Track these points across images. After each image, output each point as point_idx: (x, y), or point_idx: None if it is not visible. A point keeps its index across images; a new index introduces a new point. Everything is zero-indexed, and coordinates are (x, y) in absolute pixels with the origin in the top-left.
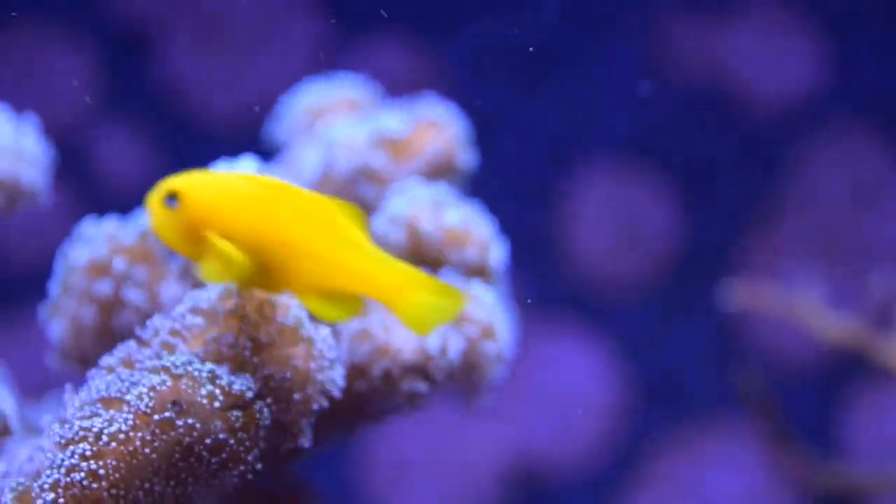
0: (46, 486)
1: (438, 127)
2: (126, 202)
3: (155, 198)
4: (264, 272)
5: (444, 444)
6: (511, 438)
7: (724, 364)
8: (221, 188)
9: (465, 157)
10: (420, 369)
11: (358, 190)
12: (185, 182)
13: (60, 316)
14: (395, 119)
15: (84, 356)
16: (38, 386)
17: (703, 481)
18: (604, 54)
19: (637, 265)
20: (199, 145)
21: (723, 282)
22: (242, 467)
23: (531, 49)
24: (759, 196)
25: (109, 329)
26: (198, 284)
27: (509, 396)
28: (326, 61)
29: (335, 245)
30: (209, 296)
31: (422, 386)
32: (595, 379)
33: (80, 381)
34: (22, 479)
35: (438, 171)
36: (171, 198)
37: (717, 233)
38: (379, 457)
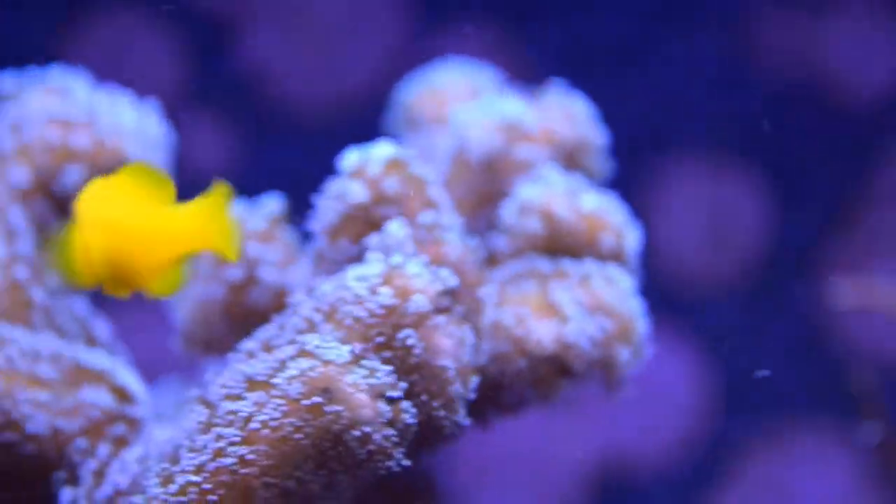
0: (190, 470)
1: (569, 113)
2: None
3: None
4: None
5: (528, 441)
6: (596, 436)
7: (811, 363)
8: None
9: (596, 143)
10: (558, 360)
11: (490, 176)
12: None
13: (187, 300)
14: (526, 105)
15: (208, 340)
16: (153, 370)
17: (790, 481)
18: (693, 46)
19: (724, 261)
20: (282, 135)
21: (825, 280)
22: (390, 460)
23: (618, 41)
24: (850, 192)
25: (238, 313)
26: (332, 269)
27: (595, 394)
28: (411, 52)
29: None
30: (357, 281)
31: (562, 377)
32: (681, 376)
33: (201, 366)
34: (166, 464)
35: (569, 158)
36: None
37: (807, 229)
38: (463, 453)
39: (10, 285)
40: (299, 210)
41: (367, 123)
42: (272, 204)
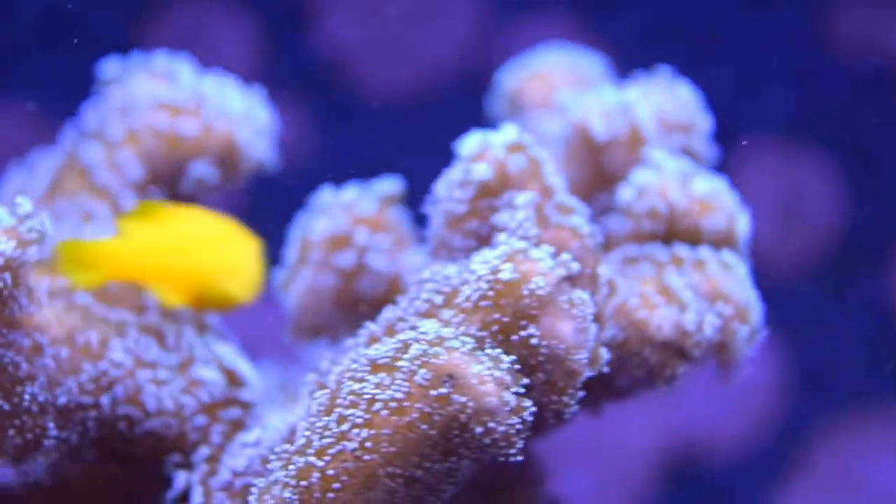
0: (311, 454)
1: (677, 98)
2: (288, 176)
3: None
4: None
5: (602, 424)
6: (669, 421)
7: (886, 350)
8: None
9: (704, 127)
10: (675, 347)
11: (603, 161)
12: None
13: (296, 285)
14: (638, 91)
15: (317, 325)
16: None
17: (861, 468)
18: (771, 32)
19: (800, 247)
20: (357, 118)
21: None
22: (512, 447)
23: (696, 26)
24: None
25: (348, 300)
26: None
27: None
28: (488, 36)
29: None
30: (479, 266)
31: (680, 363)
32: (754, 363)
33: (310, 350)
34: (286, 447)
35: (683, 145)
36: None
37: (883, 215)
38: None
39: None
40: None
41: (442, 107)
42: (383, 187)
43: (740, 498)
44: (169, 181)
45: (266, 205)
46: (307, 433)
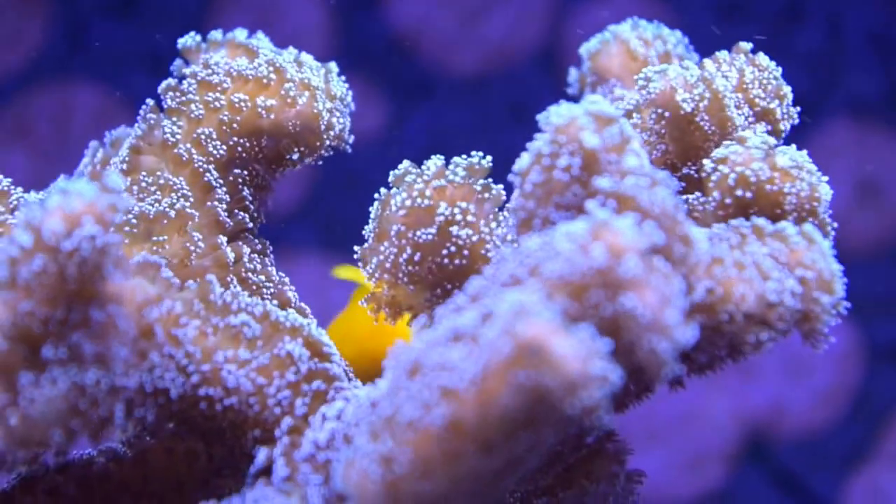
0: (399, 425)
1: (759, 71)
2: (366, 154)
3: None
4: None
5: (677, 397)
6: (744, 397)
7: None
8: None
9: (787, 99)
10: (760, 317)
11: (686, 134)
12: None
13: (375, 258)
14: (720, 65)
15: (396, 298)
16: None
17: None
18: (850, 7)
19: (875, 224)
20: (431, 94)
21: None
22: (598, 420)
23: (774, 2)
24: None
25: (431, 272)
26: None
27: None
28: (561, 14)
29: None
30: (565, 237)
31: (763, 335)
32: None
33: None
34: (372, 419)
35: (761, 114)
36: None
37: None
38: None
39: (208, 245)
40: None
41: (514, 85)
42: (472, 160)
43: (814, 475)
44: (248, 155)
45: (338, 183)
46: (391, 405)
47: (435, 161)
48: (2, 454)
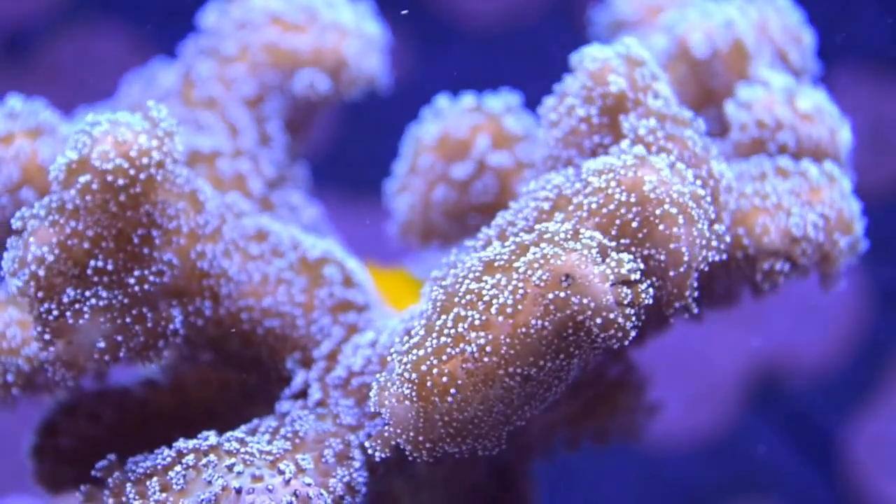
0: (431, 351)
1: (780, 14)
2: (387, 102)
3: None
4: None
5: (688, 343)
6: (753, 340)
7: None
8: None
9: (807, 42)
10: (782, 251)
11: (707, 77)
12: None
13: (407, 193)
14: (740, 8)
15: (428, 230)
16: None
17: None
18: None
19: (883, 174)
20: (452, 41)
21: None
22: (625, 340)
23: None
24: None
25: (459, 206)
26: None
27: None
28: None
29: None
30: (593, 172)
31: (783, 268)
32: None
33: (420, 255)
34: (407, 344)
35: (781, 56)
36: None
37: None
38: None
39: (234, 177)
40: None
41: (535, 31)
42: (502, 98)
43: (822, 416)
44: (283, 95)
45: (359, 129)
46: (427, 331)
47: (468, 97)
48: (48, 373)
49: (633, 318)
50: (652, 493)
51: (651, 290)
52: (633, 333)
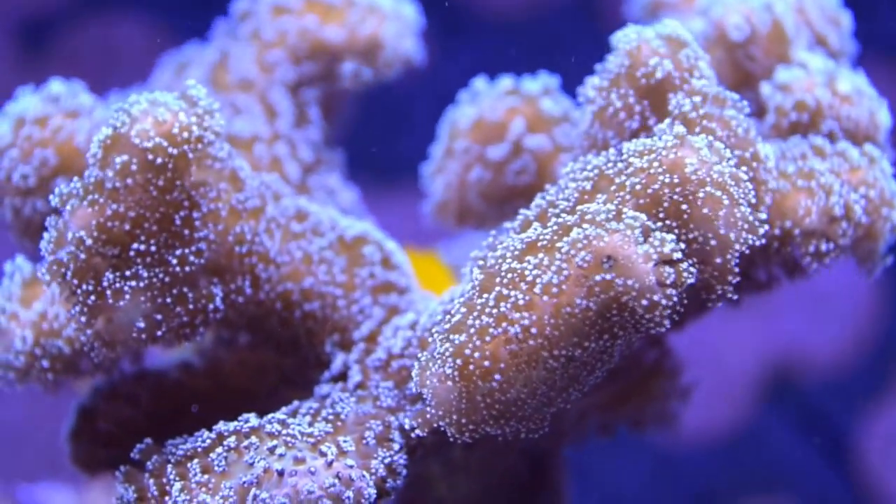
0: (473, 331)
1: (821, 3)
2: (408, 90)
3: None
4: None
5: (702, 339)
6: (770, 334)
7: None
8: None
9: (845, 25)
10: (823, 232)
11: (744, 59)
12: None
13: (443, 174)
14: None
15: (463, 212)
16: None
17: None
18: None
19: None
20: (468, 34)
21: None
22: (665, 324)
23: None
24: None
25: (496, 188)
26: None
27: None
28: None
29: None
30: (635, 153)
31: (824, 248)
32: (851, 278)
33: (455, 236)
34: (449, 324)
35: (819, 39)
36: None
37: None
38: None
39: (271, 160)
40: None
41: (556, 22)
42: (540, 81)
43: (836, 413)
44: (318, 77)
45: (379, 117)
46: (468, 311)
47: (506, 79)
48: (87, 354)
49: (675, 299)
50: (666, 489)
51: (693, 269)
52: (672, 315)
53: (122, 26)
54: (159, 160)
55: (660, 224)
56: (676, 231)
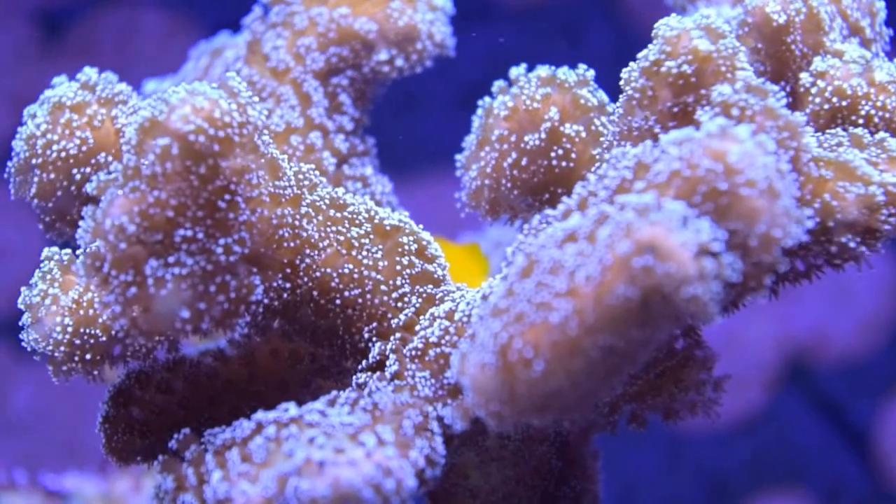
0: (513, 319)
1: None
2: (422, 76)
3: None
4: None
5: (719, 326)
6: (787, 321)
7: None
8: None
9: (881, 13)
10: (865, 222)
11: (779, 47)
12: None
13: (478, 163)
14: None
15: (497, 202)
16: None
17: None
18: None
19: None
20: (484, 21)
21: None
22: (714, 316)
23: None
24: None
25: (530, 177)
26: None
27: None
28: None
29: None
30: (675, 143)
31: (870, 235)
32: (867, 265)
33: (476, 230)
34: (484, 315)
35: (854, 28)
36: None
37: None
38: None
39: (306, 149)
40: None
41: (569, 8)
42: (576, 70)
43: (854, 401)
44: (351, 66)
45: (395, 103)
46: (508, 301)
47: (542, 68)
48: (124, 343)
49: (719, 291)
50: (682, 476)
51: (738, 263)
52: (717, 306)
53: (142, 14)
54: (201, 144)
55: (701, 215)
56: (717, 223)
